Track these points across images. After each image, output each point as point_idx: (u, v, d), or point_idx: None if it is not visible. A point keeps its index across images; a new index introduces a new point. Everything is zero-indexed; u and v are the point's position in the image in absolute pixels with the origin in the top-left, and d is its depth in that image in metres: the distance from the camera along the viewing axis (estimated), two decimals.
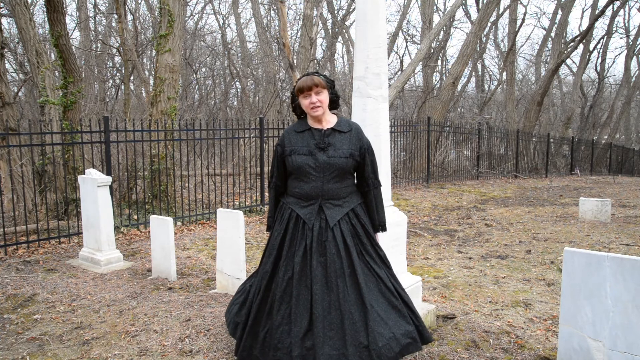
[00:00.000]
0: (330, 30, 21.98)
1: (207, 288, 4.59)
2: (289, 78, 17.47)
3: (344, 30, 21.97)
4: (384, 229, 2.84)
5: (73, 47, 10.50)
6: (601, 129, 27.77)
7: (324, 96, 2.66)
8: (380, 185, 2.83)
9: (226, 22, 24.23)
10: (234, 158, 10.11)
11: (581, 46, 23.02)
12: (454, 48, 53.70)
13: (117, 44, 16.04)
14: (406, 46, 30.83)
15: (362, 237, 2.67)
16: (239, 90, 21.55)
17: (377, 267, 2.65)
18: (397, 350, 2.48)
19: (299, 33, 18.86)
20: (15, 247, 5.97)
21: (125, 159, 7.49)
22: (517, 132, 16.28)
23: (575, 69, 26.68)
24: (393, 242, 3.37)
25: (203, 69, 21.21)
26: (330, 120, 2.73)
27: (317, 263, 2.54)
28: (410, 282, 3.51)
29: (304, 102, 2.66)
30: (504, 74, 23.18)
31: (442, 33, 19.93)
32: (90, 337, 3.47)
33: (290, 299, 2.56)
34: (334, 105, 2.77)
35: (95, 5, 18.94)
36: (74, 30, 18.78)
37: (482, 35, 21.21)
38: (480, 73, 25.48)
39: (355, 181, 2.82)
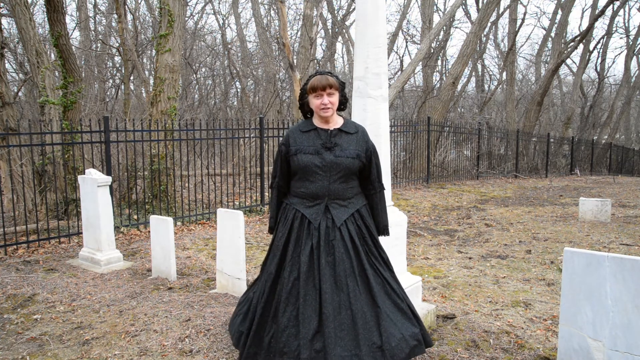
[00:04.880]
0: (330, 30, 21.97)
1: (207, 288, 4.58)
2: (289, 78, 17.47)
3: (344, 30, 21.97)
4: (386, 232, 2.81)
5: (73, 47, 10.51)
6: (601, 129, 27.77)
7: (336, 98, 2.62)
8: (384, 188, 2.81)
9: (226, 22, 24.23)
10: (234, 158, 10.11)
11: (581, 46, 23.02)
12: (454, 48, 53.73)
13: (117, 44, 16.05)
14: (406, 46, 30.87)
15: (367, 239, 2.64)
16: (239, 90, 21.57)
17: (382, 269, 2.62)
18: (407, 352, 2.44)
19: (299, 33, 18.86)
20: (15, 247, 5.97)
21: (125, 159, 7.49)
22: (517, 132, 16.28)
23: (575, 69, 26.68)
24: (393, 242, 3.36)
25: (203, 69, 21.22)
26: (337, 121, 2.69)
27: (325, 262, 2.49)
28: (410, 282, 3.51)
29: (315, 102, 2.60)
30: (504, 74, 23.18)
31: (442, 33, 19.94)
32: (90, 337, 3.47)
33: (296, 300, 2.48)
34: (341, 107, 2.73)
35: (95, 5, 18.95)
36: (74, 30, 18.79)
37: (482, 35, 21.21)
38: (480, 73, 25.48)
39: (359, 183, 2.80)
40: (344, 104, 2.73)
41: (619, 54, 43.52)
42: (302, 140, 2.64)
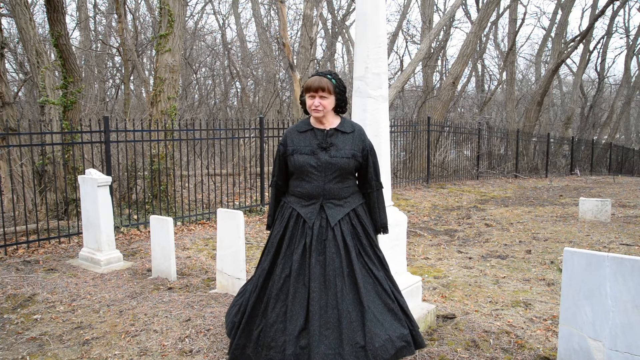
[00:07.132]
0: (330, 30, 21.97)
1: (207, 288, 4.59)
2: (289, 78, 17.47)
3: (344, 30, 21.97)
4: (385, 231, 2.82)
5: (73, 47, 10.50)
6: (601, 129, 27.76)
7: (328, 102, 2.64)
8: (382, 187, 2.82)
9: (226, 22, 24.23)
10: (234, 158, 10.11)
11: (581, 46, 23.01)
12: (454, 48, 53.70)
13: (117, 44, 16.04)
14: (406, 46, 30.85)
15: (362, 238, 2.65)
16: (239, 90, 21.56)
17: (375, 269, 2.63)
18: (392, 353, 2.45)
19: (299, 33, 18.87)
20: (15, 247, 5.97)
21: (125, 159, 7.49)
22: (517, 132, 16.28)
23: (575, 69, 26.68)
24: (393, 242, 3.36)
25: (203, 69, 21.21)
26: (333, 121, 2.72)
27: (315, 261, 2.53)
28: (410, 282, 3.51)
29: (308, 102, 2.66)
30: (504, 74, 23.18)
31: (442, 33, 19.94)
32: (90, 337, 3.47)
33: (286, 297, 2.54)
34: (340, 110, 2.75)
35: (95, 5, 18.95)
36: (74, 30, 18.79)
37: (482, 35, 21.21)
38: (480, 73, 25.46)
39: (357, 182, 2.81)
40: (342, 107, 2.75)
41: (619, 54, 43.55)
42: (298, 141, 2.68)
